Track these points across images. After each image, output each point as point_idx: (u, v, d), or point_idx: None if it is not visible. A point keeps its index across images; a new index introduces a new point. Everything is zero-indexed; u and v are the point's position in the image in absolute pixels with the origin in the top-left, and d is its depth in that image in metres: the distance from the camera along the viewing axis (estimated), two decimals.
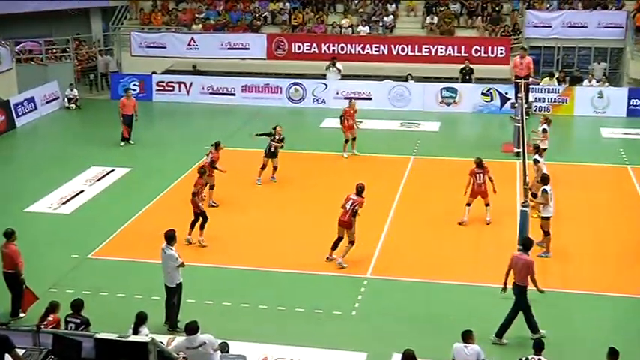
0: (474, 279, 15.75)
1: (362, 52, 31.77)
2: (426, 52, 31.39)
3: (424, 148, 24.50)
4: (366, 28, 32.81)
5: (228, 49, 32.63)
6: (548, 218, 16.47)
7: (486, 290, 15.19)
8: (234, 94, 30.80)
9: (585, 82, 29.72)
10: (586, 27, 31.58)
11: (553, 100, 28.57)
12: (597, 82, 29.62)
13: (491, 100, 29.06)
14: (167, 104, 30.70)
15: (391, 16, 33.27)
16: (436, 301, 15.00)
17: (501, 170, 20.96)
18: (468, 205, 18.09)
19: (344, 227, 16.11)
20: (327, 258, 16.36)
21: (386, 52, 31.60)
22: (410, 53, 31.47)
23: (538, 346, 11.41)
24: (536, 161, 18.57)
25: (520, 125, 21.24)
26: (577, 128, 27.89)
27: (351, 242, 16.16)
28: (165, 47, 33.04)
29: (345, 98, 29.87)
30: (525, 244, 13.56)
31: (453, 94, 29.38)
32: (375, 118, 28.02)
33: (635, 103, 28.18)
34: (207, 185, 18.55)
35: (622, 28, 31.26)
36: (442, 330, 13.63)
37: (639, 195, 20.20)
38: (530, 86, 26.73)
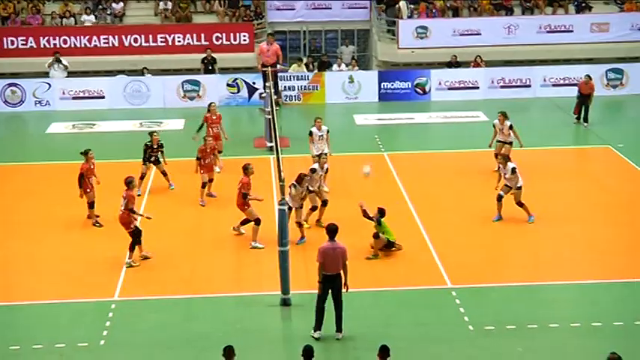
0: (235, 289, 15.94)
1: (89, 45, 30.93)
2: (162, 41, 31.22)
3: (169, 149, 24.22)
4: (92, 18, 31.96)
5: None
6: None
7: (251, 300, 15.47)
8: None
9: (335, 66, 31.10)
10: (331, 9, 33.07)
11: (303, 87, 29.61)
12: (347, 66, 31.13)
13: (238, 91, 29.51)
14: None
15: (120, 4, 32.67)
16: (197, 318, 15.01)
17: (255, 167, 21.30)
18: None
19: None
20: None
21: (116, 44, 31.02)
22: (144, 44, 31.14)
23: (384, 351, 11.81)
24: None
25: (271, 117, 21.72)
26: (330, 116, 29.04)
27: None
28: None
29: (73, 98, 28.99)
30: (332, 229, 14.04)
31: (196, 87, 29.46)
32: (109, 119, 27.48)
33: (385, 87, 29.93)
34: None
35: (366, 8, 33.09)
36: (206, 349, 13.69)
37: (397, 182, 21.49)
38: (279, 74, 27.48)
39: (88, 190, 18.88)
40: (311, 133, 20.95)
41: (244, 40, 31.43)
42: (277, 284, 15.23)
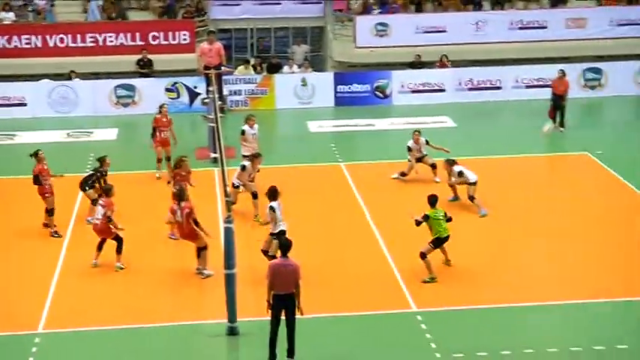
0: (171, 318, 15.88)
1: (8, 46, 30.75)
2: (91, 42, 31.09)
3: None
4: (11, 15, 31.75)
5: None
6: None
7: (194, 329, 15.49)
8: None
9: (285, 68, 31.20)
10: (280, 4, 33.17)
11: (251, 92, 29.64)
12: (299, 67, 31.24)
13: (178, 96, 29.48)
14: None
15: None
16: (130, 351, 14.93)
17: (198, 181, 21.31)
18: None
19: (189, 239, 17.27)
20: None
21: (40, 45, 30.85)
22: (71, 44, 31.01)
23: None
24: None
25: (215, 125, 21.73)
26: (281, 123, 29.21)
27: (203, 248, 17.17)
28: None
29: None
30: (286, 245, 14.05)
31: (131, 93, 29.37)
32: (32, 129, 27.27)
33: (342, 90, 30.10)
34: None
35: (321, 3, 33.21)
36: None
37: (355, 195, 21.58)
38: (223, 77, 27.52)
39: (47, 195, 19.29)
40: (243, 132, 21.71)
41: (184, 40, 31.40)
42: (223, 311, 15.20)
